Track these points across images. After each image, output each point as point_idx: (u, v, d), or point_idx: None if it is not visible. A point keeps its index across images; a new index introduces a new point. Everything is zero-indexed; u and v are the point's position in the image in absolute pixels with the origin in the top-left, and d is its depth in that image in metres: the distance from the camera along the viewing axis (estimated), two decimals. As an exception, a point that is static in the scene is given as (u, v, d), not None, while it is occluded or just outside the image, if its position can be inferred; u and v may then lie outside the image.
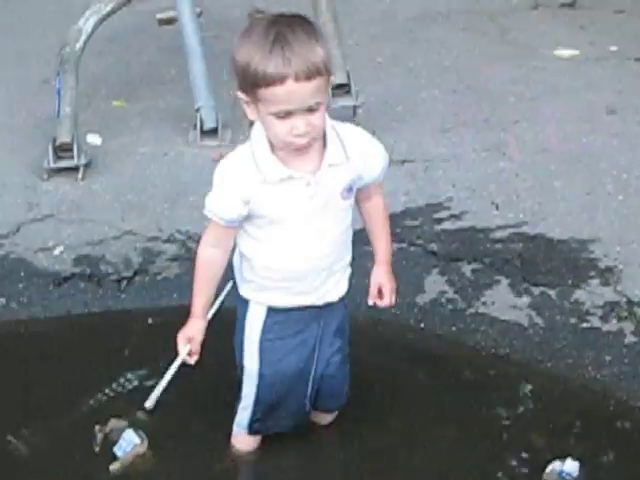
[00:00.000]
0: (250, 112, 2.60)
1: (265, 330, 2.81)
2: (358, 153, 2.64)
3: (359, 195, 2.73)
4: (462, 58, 4.86)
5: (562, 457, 2.88)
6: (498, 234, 3.74)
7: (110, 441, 2.96)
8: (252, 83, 2.51)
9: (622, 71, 4.76)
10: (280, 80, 2.48)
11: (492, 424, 3.09)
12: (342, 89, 4.22)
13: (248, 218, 2.66)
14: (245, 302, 2.83)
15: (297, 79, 2.47)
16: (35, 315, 3.50)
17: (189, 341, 2.79)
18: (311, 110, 2.46)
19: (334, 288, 2.79)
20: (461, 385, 3.22)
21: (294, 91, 2.46)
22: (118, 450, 2.94)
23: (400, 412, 3.10)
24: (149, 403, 2.90)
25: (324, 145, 2.60)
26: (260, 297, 2.79)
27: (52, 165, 4.02)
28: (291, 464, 2.98)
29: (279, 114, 2.46)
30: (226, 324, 2.87)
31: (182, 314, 3.12)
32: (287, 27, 2.51)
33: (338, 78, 4.21)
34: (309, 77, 2.46)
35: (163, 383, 2.89)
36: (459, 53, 4.90)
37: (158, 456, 2.95)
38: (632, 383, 3.19)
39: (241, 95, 2.58)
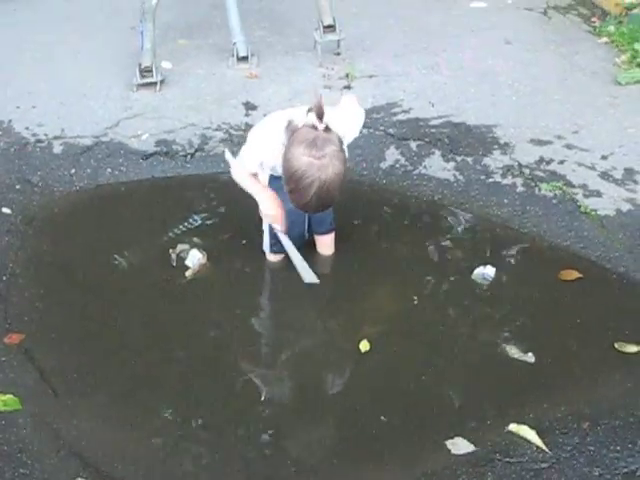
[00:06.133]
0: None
1: (270, 183, 2.71)
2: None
3: None
4: (409, 9, 4.67)
5: (483, 264, 2.84)
6: (433, 122, 3.60)
7: (182, 259, 2.89)
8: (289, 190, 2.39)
9: (515, 17, 4.59)
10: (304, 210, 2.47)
11: (434, 245, 3.00)
12: (330, 28, 4.04)
13: None
14: None
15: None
16: (131, 179, 3.38)
17: (273, 218, 2.70)
18: None
19: None
20: (411, 219, 3.13)
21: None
22: (188, 262, 2.87)
23: (371, 234, 3.03)
24: (314, 280, 2.78)
25: None
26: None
27: (139, 81, 3.86)
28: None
29: None
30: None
31: (225, 179, 3.06)
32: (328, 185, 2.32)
33: (327, 21, 4.04)
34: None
35: (298, 261, 2.78)
36: (407, 6, 4.70)
37: (215, 265, 2.88)
38: (522, 218, 3.10)
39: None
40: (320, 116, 2.33)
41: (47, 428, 2.29)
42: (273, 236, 2.81)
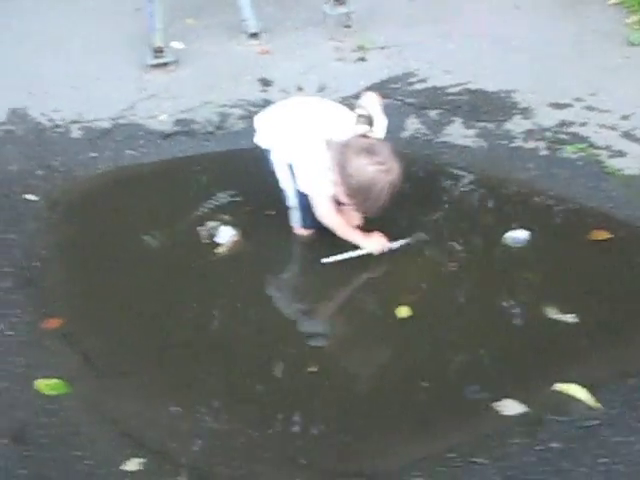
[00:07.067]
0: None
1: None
2: None
3: None
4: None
5: (515, 228, 2.83)
6: (451, 90, 3.59)
7: (212, 236, 2.87)
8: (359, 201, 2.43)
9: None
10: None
11: (463, 211, 2.99)
12: (340, 1, 4.01)
13: None
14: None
15: None
16: (152, 159, 3.35)
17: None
18: None
19: None
20: (435, 185, 3.11)
21: None
22: (219, 239, 2.85)
23: (398, 204, 2.90)
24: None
25: None
26: None
27: (152, 62, 3.82)
28: (323, 237, 2.82)
29: None
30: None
31: (247, 155, 3.05)
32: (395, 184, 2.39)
33: (337, -7, 4.01)
34: None
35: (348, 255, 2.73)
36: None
37: (247, 240, 2.85)
38: (547, 181, 3.10)
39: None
40: (372, 124, 2.38)
41: (96, 410, 2.27)
42: (304, 208, 2.78)
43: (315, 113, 2.67)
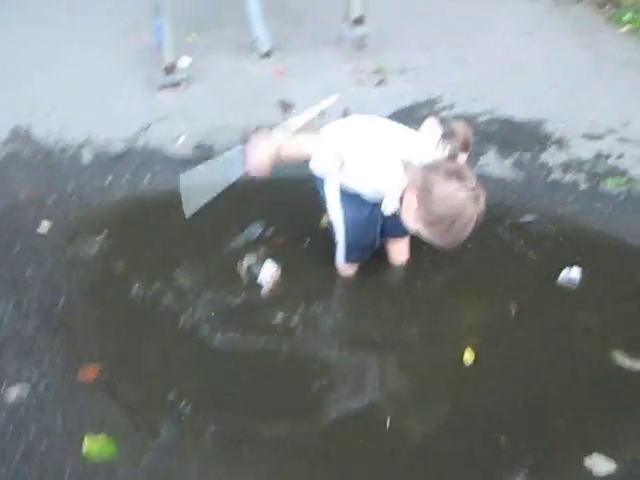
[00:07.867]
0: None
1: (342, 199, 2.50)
2: None
3: None
4: (432, 5, 4.48)
5: (568, 267, 2.69)
6: (481, 118, 3.45)
7: (253, 273, 2.65)
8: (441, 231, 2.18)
9: (528, 6, 4.50)
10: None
11: (509, 248, 2.83)
12: (358, 22, 3.85)
13: None
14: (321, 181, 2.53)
15: None
16: (171, 187, 3.03)
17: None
18: None
19: None
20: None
21: None
22: (262, 279, 2.63)
23: None
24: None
25: None
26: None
27: (163, 81, 3.58)
28: (369, 275, 2.69)
29: None
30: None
31: (273, 183, 2.79)
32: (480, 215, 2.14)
33: (357, 13, 3.85)
34: None
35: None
36: (429, 2, 4.50)
37: (291, 278, 2.65)
38: (588, 215, 2.98)
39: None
40: (466, 150, 2.21)
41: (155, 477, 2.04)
42: (350, 244, 2.59)
43: (386, 132, 2.44)
